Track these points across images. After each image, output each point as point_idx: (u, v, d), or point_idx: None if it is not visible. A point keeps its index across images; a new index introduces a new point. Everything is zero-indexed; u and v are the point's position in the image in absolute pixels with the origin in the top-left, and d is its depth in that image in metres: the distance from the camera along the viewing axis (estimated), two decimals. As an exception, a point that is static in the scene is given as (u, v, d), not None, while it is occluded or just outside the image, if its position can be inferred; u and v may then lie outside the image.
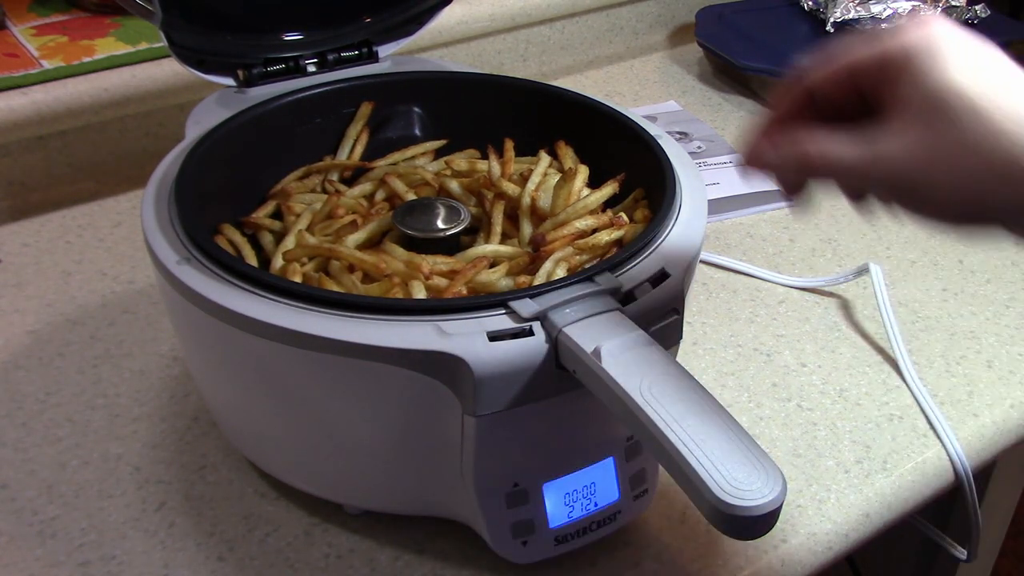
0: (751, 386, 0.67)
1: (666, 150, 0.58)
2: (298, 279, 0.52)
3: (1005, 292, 0.77)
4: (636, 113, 0.63)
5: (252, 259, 0.55)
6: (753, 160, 0.45)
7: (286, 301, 0.46)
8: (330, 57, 0.67)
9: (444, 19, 0.82)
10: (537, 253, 0.54)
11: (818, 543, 0.57)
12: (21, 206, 0.85)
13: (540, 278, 0.52)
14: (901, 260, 0.80)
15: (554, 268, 0.53)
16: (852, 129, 0.41)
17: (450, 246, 0.57)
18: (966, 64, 0.39)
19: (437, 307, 0.46)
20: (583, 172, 0.59)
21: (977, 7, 1.08)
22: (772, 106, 0.45)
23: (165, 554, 0.54)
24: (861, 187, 0.43)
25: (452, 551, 0.54)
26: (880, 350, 0.70)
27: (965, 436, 0.63)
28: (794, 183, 0.44)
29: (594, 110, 0.63)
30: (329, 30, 0.68)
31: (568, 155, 0.63)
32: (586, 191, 0.59)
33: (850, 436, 0.63)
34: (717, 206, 0.86)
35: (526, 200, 0.58)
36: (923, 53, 0.39)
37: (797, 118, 0.44)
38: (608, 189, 0.59)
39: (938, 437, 0.63)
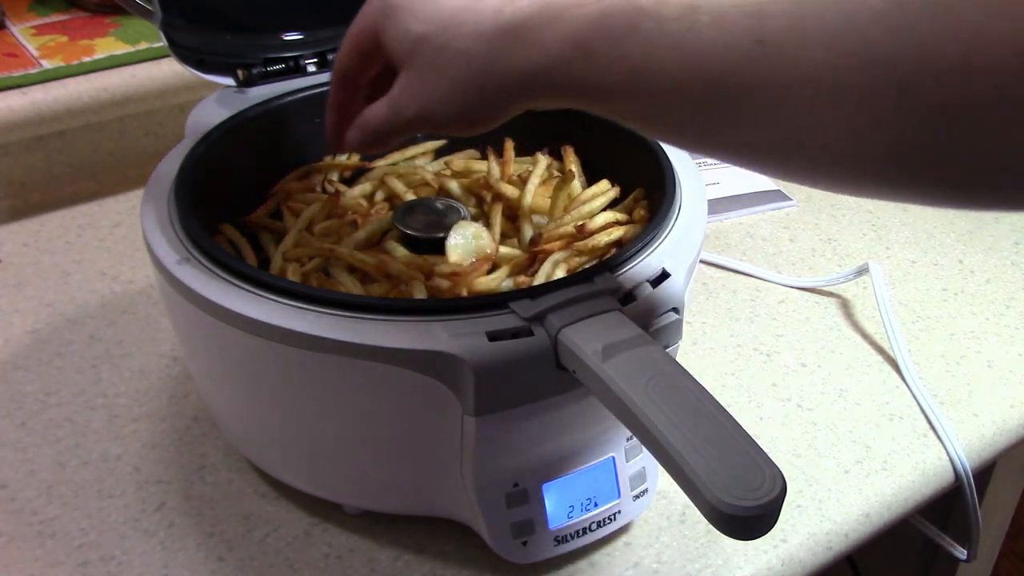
0: (751, 386, 0.67)
1: (666, 150, 0.58)
2: (297, 279, 0.52)
3: (1005, 292, 0.77)
4: (636, 113, 0.62)
5: (252, 259, 0.55)
6: (335, 145, 0.52)
7: (286, 301, 0.46)
8: (330, 57, 0.67)
9: (444, 19, 0.82)
10: (534, 253, 0.54)
11: (818, 543, 0.57)
12: (21, 206, 0.85)
13: (539, 279, 0.52)
14: (901, 260, 0.80)
15: (553, 269, 0.53)
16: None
17: (450, 246, 0.57)
18: (421, 12, 0.43)
19: (437, 307, 0.46)
20: (606, 190, 0.59)
21: None
22: (331, 94, 0.51)
23: (165, 554, 0.54)
24: (405, 134, 0.47)
25: (452, 551, 0.54)
26: (880, 350, 0.70)
27: (965, 436, 0.63)
28: (363, 147, 0.49)
29: (594, 110, 0.63)
30: (329, 30, 0.68)
31: (572, 160, 0.63)
32: (587, 193, 0.59)
33: (850, 436, 0.63)
34: (717, 206, 0.86)
35: (527, 202, 0.58)
36: (388, 13, 0.45)
37: (357, 98, 0.50)
38: (611, 193, 0.59)
39: (938, 437, 0.63)
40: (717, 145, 0.39)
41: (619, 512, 0.53)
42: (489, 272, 0.54)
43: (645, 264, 0.49)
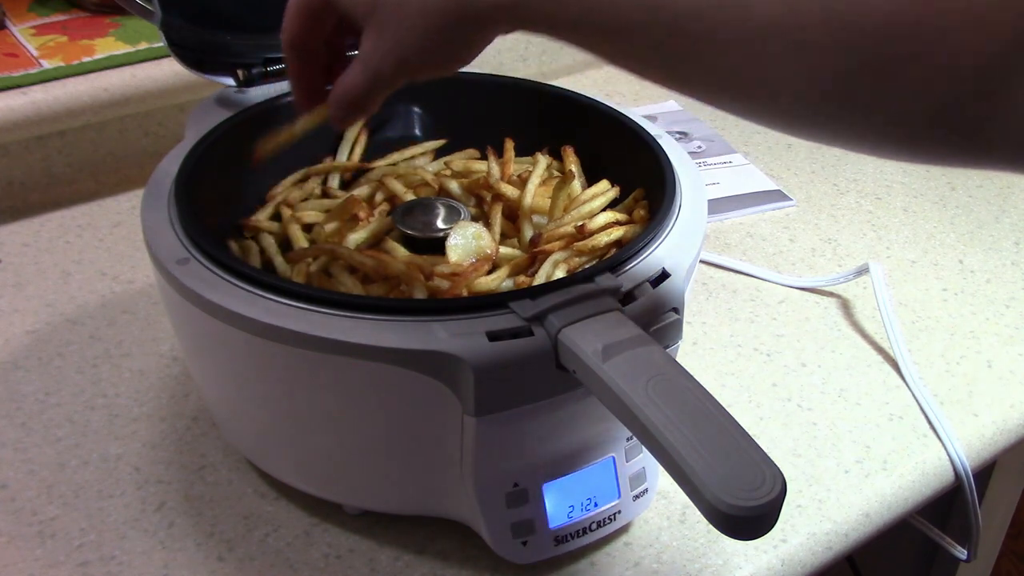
0: (751, 386, 0.67)
1: (666, 150, 0.58)
2: (301, 280, 0.52)
3: (1005, 292, 0.77)
4: (636, 113, 0.63)
5: (256, 261, 0.55)
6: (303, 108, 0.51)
7: (286, 301, 0.46)
8: (330, 57, 0.67)
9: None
10: (534, 253, 0.54)
11: (818, 543, 0.57)
12: (21, 206, 0.85)
13: (539, 279, 0.52)
14: (901, 260, 0.80)
15: (553, 269, 0.53)
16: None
17: (450, 246, 0.57)
18: None
19: (437, 307, 0.46)
20: (606, 190, 0.59)
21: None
22: (289, 69, 0.50)
23: (165, 554, 0.54)
24: (386, 92, 0.47)
25: (452, 551, 0.54)
26: (880, 350, 0.70)
27: (965, 436, 0.63)
28: (347, 119, 0.48)
29: (594, 110, 0.63)
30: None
31: (572, 160, 0.63)
32: (587, 193, 0.59)
33: (850, 436, 0.63)
34: (717, 206, 0.86)
35: (527, 202, 0.58)
36: None
37: (313, 64, 0.50)
38: (611, 193, 0.59)
39: (938, 437, 0.63)
40: (679, 81, 0.40)
41: (619, 512, 0.53)
42: (489, 272, 0.54)
43: (645, 264, 0.49)
